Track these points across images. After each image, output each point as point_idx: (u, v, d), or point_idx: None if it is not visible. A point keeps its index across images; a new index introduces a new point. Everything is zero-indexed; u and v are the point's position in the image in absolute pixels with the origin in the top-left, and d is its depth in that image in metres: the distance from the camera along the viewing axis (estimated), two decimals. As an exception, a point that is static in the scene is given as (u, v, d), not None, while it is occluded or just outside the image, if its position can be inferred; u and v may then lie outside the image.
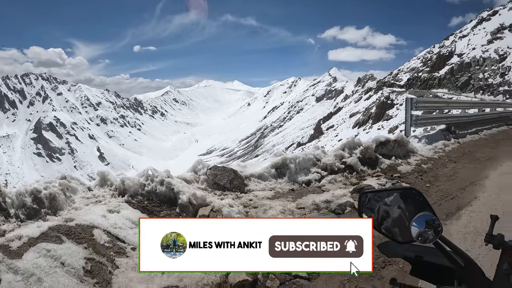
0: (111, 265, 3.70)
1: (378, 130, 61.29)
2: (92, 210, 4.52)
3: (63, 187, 4.85)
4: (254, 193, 6.05)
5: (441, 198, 6.18)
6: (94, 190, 5.26)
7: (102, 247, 3.90)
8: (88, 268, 3.51)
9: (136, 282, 3.57)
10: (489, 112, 18.77)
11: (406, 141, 9.19)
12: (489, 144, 12.03)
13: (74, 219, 4.22)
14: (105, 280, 3.50)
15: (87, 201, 4.91)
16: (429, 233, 1.17)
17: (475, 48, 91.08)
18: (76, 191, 5.03)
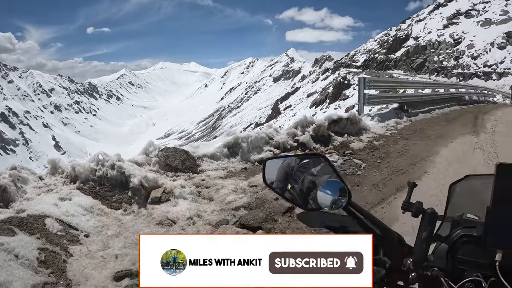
0: (65, 254, 3.60)
1: (335, 109, 62.24)
2: (43, 200, 4.37)
3: (14, 178, 4.65)
4: (207, 173, 5.99)
5: (392, 173, 6.31)
6: (46, 179, 5.08)
7: (55, 236, 3.79)
8: (42, 259, 3.39)
9: (90, 268, 3.50)
10: (442, 92, 19.35)
11: (358, 119, 9.30)
12: (440, 123, 12.39)
13: (26, 210, 4.07)
14: (59, 269, 3.40)
15: (39, 190, 4.74)
16: (340, 199, 1.12)
17: (431, 32, 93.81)
18: (28, 181, 4.84)
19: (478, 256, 1.10)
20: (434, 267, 1.13)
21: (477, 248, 1.11)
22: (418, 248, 1.15)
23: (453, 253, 1.14)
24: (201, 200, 4.96)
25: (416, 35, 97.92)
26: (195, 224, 4.28)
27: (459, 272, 1.12)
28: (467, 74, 69.41)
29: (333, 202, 1.13)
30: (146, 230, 4.14)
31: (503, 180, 1.00)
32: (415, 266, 1.14)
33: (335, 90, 79.03)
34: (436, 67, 78.20)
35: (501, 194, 1.00)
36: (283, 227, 4.16)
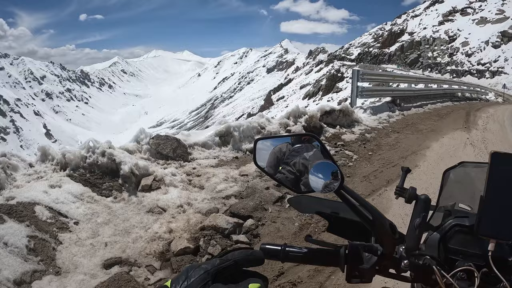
0: (54, 241, 3.58)
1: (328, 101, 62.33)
2: (33, 187, 4.33)
3: (3, 165, 4.59)
4: (198, 161, 5.96)
5: (383, 165, 6.34)
6: (36, 166, 5.00)
7: (45, 224, 3.76)
8: (31, 246, 3.37)
9: (79, 256, 3.49)
10: (435, 88, 19.47)
11: (351, 111, 9.30)
12: (432, 117, 12.44)
13: (15, 197, 4.03)
14: (49, 256, 3.39)
15: (29, 177, 4.67)
16: (334, 184, 1.11)
17: (426, 28, 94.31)
18: (17, 169, 4.78)
19: (470, 245, 1.11)
20: (427, 255, 1.11)
21: (469, 237, 1.11)
22: (410, 235, 1.14)
23: (445, 243, 1.15)
24: (192, 188, 4.94)
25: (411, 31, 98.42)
26: (185, 212, 4.27)
27: (451, 261, 1.12)
28: (460, 71, 69.93)
29: (325, 185, 1.11)
30: (136, 217, 4.13)
31: (497, 169, 1.00)
32: (407, 253, 1.13)
33: (329, 83, 79.20)
34: (430, 63, 78.56)
35: (494, 183, 1.00)
36: (274, 216, 4.17)
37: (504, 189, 1.01)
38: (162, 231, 3.87)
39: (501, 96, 38.20)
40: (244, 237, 3.82)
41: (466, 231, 1.12)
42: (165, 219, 4.12)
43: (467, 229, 1.12)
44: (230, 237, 3.81)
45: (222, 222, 3.87)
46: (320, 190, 1.12)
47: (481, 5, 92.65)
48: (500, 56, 67.94)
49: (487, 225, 1.02)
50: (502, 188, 1.01)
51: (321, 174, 1.13)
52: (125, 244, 3.69)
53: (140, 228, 3.95)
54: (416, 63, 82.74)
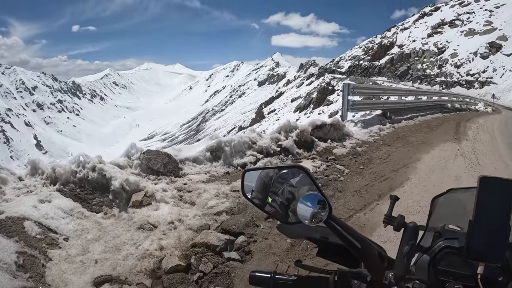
0: (43, 258, 3.52)
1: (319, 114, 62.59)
2: (23, 201, 4.27)
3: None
4: (189, 176, 5.93)
5: (374, 179, 6.34)
6: (25, 180, 4.95)
7: (34, 239, 3.70)
8: (21, 263, 3.30)
9: (69, 273, 3.43)
10: (425, 100, 19.64)
11: (342, 125, 9.34)
12: (423, 130, 12.54)
13: (4, 212, 3.96)
14: (38, 273, 3.32)
15: (18, 191, 4.62)
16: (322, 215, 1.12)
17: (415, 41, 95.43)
18: (7, 182, 4.73)
19: (460, 267, 1.10)
20: (416, 279, 1.12)
21: (459, 259, 1.11)
22: (399, 263, 1.14)
23: (435, 265, 1.14)
24: (183, 205, 4.90)
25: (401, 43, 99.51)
26: (176, 229, 4.23)
27: (441, 283, 1.12)
28: (450, 82, 70.72)
29: (313, 216, 1.12)
30: (127, 234, 4.09)
31: (486, 193, 1.00)
32: (396, 280, 1.12)
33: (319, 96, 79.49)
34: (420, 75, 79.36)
35: (483, 207, 1.01)
36: (265, 232, 4.14)
37: (492, 213, 1.01)
38: (153, 248, 3.82)
39: (491, 106, 38.58)
40: (236, 254, 3.78)
41: (456, 252, 1.13)
42: (156, 236, 4.07)
43: (456, 251, 1.12)
44: (222, 254, 3.76)
45: (214, 239, 3.84)
46: (308, 220, 1.12)
47: (469, 17, 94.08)
48: (488, 67, 68.91)
49: (476, 249, 1.02)
50: (491, 212, 1.01)
51: (309, 204, 1.13)
52: (115, 261, 3.64)
53: (131, 245, 3.90)
54: (406, 75, 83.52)
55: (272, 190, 1.31)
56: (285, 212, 1.22)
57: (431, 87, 69.95)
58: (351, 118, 11.64)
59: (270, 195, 1.30)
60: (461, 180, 6.45)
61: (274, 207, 1.27)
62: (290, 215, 1.23)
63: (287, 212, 1.23)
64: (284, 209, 1.24)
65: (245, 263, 3.70)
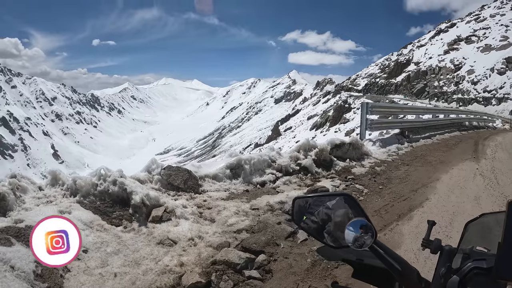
0: (62, 269, 3.50)
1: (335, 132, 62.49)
2: (42, 211, 4.31)
3: (13, 186, 4.58)
4: (209, 193, 5.94)
5: (394, 199, 6.29)
6: (45, 190, 5.00)
7: None
8: (39, 272, 3.30)
9: (88, 285, 3.43)
10: (442, 118, 19.47)
11: (360, 144, 9.31)
12: (441, 148, 12.41)
13: (24, 220, 3.99)
14: (56, 284, 3.32)
15: (38, 201, 4.66)
16: (365, 239, 1.14)
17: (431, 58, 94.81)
18: (27, 191, 4.77)
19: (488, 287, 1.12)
20: None
21: (487, 280, 1.13)
22: (436, 284, 1.18)
23: (464, 285, 1.16)
24: (203, 221, 4.91)
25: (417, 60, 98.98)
26: (196, 246, 4.23)
27: None
28: (467, 100, 69.95)
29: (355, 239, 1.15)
30: (147, 249, 4.09)
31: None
32: None
33: (336, 114, 79.43)
34: (436, 92, 78.72)
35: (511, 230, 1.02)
36: (286, 251, 4.12)
37: None
38: (173, 264, 3.82)
39: (508, 123, 38.08)
40: (256, 272, 3.77)
41: (484, 273, 1.14)
42: (176, 252, 4.07)
43: (485, 271, 1.14)
44: (242, 272, 3.75)
45: (234, 257, 3.84)
46: (351, 243, 1.15)
47: (485, 33, 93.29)
48: (505, 83, 67.96)
49: (504, 269, 1.03)
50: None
51: (352, 227, 1.16)
52: (135, 275, 3.64)
53: (151, 260, 3.90)
54: (422, 93, 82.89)
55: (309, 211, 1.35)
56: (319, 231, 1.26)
57: (448, 104, 69.26)
58: (369, 137, 11.61)
59: (306, 215, 1.34)
60: (480, 200, 6.35)
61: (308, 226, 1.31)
62: (325, 236, 1.26)
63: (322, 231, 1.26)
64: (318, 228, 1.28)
65: (266, 281, 3.69)
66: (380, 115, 12.82)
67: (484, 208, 5.82)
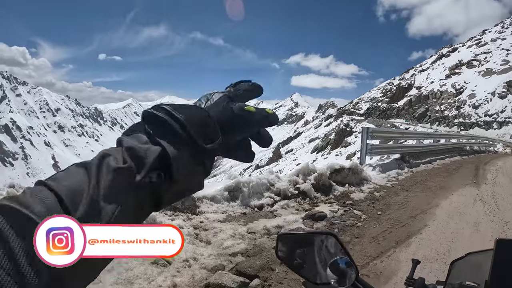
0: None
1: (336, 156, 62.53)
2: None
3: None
4: (206, 215, 5.93)
5: (392, 225, 6.24)
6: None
7: None
8: None
9: None
10: (443, 143, 19.47)
11: (360, 169, 9.29)
12: (441, 173, 12.36)
13: None
14: None
15: (34, 212, 4.64)
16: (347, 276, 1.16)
17: (433, 82, 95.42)
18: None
19: None
20: None
21: None
22: None
23: None
24: (198, 243, 4.88)
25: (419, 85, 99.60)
26: (190, 267, 4.19)
27: None
28: (468, 124, 70.20)
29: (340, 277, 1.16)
30: (140, 268, 4.06)
31: (502, 256, 1.03)
32: None
33: (337, 137, 79.63)
34: (438, 116, 78.95)
35: (499, 269, 1.03)
36: (280, 277, 4.08)
37: (508, 275, 1.03)
38: (166, 285, 3.78)
39: (509, 147, 38.09)
40: (250, 297, 3.74)
41: None
42: (170, 273, 4.04)
43: None
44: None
45: (228, 281, 3.79)
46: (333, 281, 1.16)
47: (486, 57, 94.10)
48: (507, 106, 68.38)
49: None
50: (506, 274, 1.04)
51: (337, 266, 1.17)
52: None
53: (144, 280, 3.86)
54: (424, 117, 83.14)
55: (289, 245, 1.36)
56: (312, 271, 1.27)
57: (449, 128, 69.44)
58: (369, 161, 11.61)
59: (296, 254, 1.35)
60: (480, 226, 6.31)
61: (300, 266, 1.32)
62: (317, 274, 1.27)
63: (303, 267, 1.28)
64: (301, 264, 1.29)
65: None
66: (381, 140, 12.84)
67: (484, 234, 5.83)
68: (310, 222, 5.96)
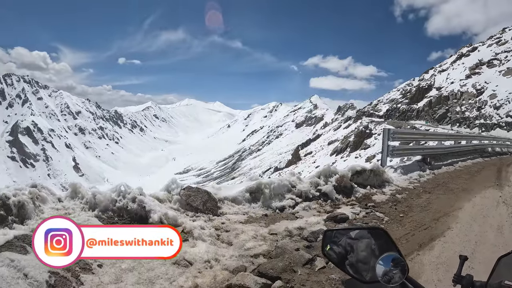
0: (75, 281, 3.52)
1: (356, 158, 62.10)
2: None
3: (33, 195, 4.69)
4: (227, 216, 5.94)
5: (415, 228, 6.16)
6: (64, 202, 5.10)
7: None
8: (52, 283, 3.31)
9: None
10: (464, 144, 19.17)
11: (381, 171, 9.22)
12: (463, 176, 12.19)
13: None
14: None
15: (56, 212, 4.74)
16: (395, 274, 1.12)
17: (453, 82, 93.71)
18: (46, 201, 4.86)
19: None
20: None
21: None
22: None
23: None
24: (220, 244, 4.89)
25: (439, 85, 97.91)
26: (212, 268, 4.19)
27: None
28: (489, 125, 68.75)
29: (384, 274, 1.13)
30: (162, 268, 4.06)
31: None
32: None
33: (357, 139, 79.03)
34: (458, 117, 77.61)
35: None
36: (303, 279, 4.04)
37: None
38: (187, 286, 3.78)
39: (532, 148, 37.23)
40: (272, 299, 3.72)
41: None
42: (191, 273, 4.04)
43: None
44: (258, 298, 3.69)
45: (250, 282, 3.77)
46: (381, 278, 1.13)
47: (507, 56, 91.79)
48: (529, 106, 66.87)
49: None
50: None
51: (383, 261, 1.13)
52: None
53: (165, 280, 3.87)
54: (444, 118, 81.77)
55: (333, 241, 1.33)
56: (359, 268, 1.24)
57: (470, 130, 68.17)
58: (390, 163, 11.49)
59: (329, 244, 1.32)
60: (503, 229, 6.20)
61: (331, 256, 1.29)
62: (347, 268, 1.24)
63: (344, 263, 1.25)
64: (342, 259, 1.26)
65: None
66: (401, 141, 12.70)
67: (508, 238, 5.74)
68: (332, 224, 5.91)
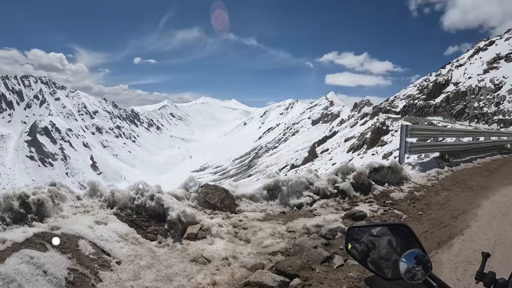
0: (94, 278, 3.57)
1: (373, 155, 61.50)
2: (79, 220, 4.42)
3: (52, 194, 4.76)
4: (245, 213, 5.96)
5: (433, 226, 6.10)
6: (83, 200, 5.17)
7: (87, 259, 3.78)
8: (71, 279, 3.37)
9: None
10: (483, 140, 18.84)
11: (399, 168, 9.12)
12: (482, 173, 11.99)
13: (60, 228, 4.11)
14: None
15: (75, 210, 4.81)
16: (418, 271, 1.11)
17: (471, 77, 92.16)
18: (65, 199, 4.94)
19: None
20: None
21: None
22: None
23: None
24: (238, 241, 4.91)
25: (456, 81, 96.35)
26: (230, 266, 4.21)
27: None
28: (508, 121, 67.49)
29: (407, 270, 1.12)
30: (180, 265, 4.10)
31: None
32: None
33: (373, 136, 78.19)
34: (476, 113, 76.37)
35: None
36: (321, 277, 4.03)
37: None
38: (205, 283, 3.81)
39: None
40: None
41: None
42: (209, 271, 4.07)
43: None
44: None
45: (268, 280, 3.78)
46: (403, 274, 1.12)
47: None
48: (548, 101, 65.54)
49: None
50: None
51: (406, 259, 1.13)
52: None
53: (183, 277, 3.90)
54: (462, 114, 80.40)
55: (355, 238, 1.32)
56: (382, 265, 1.23)
57: (488, 126, 66.97)
58: (408, 160, 11.36)
59: (351, 242, 1.31)
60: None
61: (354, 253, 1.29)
62: (368, 265, 1.23)
63: (366, 259, 1.24)
64: (365, 257, 1.26)
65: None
66: (418, 138, 12.54)
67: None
68: (350, 221, 5.88)
